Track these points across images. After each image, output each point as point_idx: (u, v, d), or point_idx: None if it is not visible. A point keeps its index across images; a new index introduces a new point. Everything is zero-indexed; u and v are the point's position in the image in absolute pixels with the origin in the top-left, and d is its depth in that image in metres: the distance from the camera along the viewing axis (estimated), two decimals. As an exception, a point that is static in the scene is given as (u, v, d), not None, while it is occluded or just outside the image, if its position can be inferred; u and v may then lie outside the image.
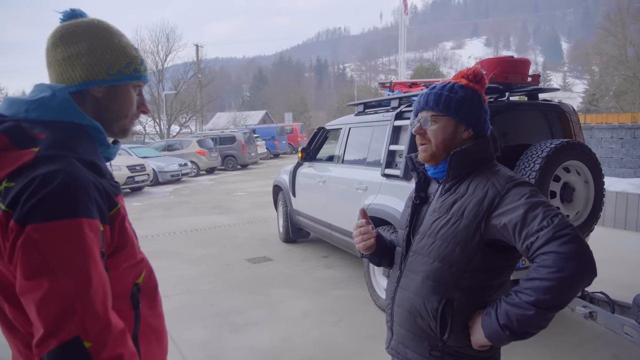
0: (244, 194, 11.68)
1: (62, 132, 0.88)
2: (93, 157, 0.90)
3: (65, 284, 0.76)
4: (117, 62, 0.97)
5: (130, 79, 1.00)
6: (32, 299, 0.76)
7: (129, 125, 1.04)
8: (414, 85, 5.05)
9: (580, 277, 1.05)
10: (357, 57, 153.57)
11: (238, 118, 44.51)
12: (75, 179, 0.82)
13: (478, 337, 1.19)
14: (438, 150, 1.32)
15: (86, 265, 0.79)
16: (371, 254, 1.49)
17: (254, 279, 4.83)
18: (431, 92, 1.34)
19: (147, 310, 0.99)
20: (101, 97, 0.97)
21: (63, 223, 0.78)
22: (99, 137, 0.96)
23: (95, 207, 0.83)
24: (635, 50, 25.35)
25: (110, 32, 0.99)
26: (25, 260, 0.76)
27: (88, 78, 0.95)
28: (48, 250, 0.76)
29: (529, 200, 1.14)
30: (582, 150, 3.11)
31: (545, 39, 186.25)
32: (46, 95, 0.90)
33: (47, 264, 0.76)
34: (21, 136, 0.84)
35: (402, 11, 18.32)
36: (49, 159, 0.82)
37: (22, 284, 0.77)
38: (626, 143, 7.97)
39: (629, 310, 2.91)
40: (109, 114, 0.99)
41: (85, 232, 0.80)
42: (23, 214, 0.77)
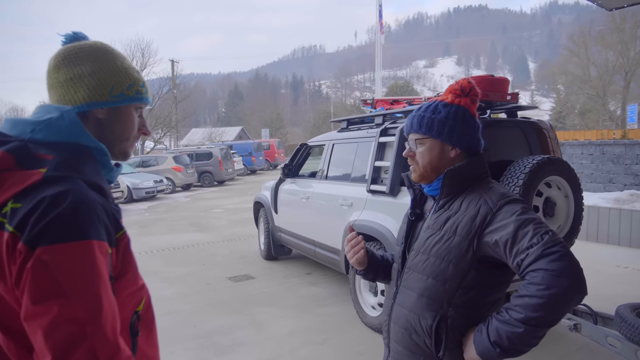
0: (222, 211, 11.53)
1: (68, 154, 0.87)
2: (98, 180, 0.89)
3: (76, 308, 0.74)
4: (119, 84, 0.97)
5: (132, 101, 1.00)
6: (39, 324, 0.73)
7: (130, 147, 1.04)
8: (396, 103, 5.14)
9: (570, 294, 1.06)
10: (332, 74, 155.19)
11: (214, 134, 44.22)
12: (84, 201, 0.80)
13: (470, 354, 1.19)
14: (425, 172, 1.34)
15: (97, 289, 0.77)
16: (365, 269, 1.49)
17: (236, 298, 4.74)
18: (415, 114, 1.35)
19: (144, 339, 0.96)
20: (103, 118, 0.97)
21: (74, 245, 0.76)
22: (103, 159, 0.95)
23: (103, 230, 0.82)
24: (597, 70, 26.60)
25: (113, 54, 1.00)
26: (34, 284, 0.73)
27: (91, 99, 0.94)
28: (59, 272, 0.74)
29: (520, 218, 1.15)
30: (562, 166, 3.20)
31: (514, 59, 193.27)
32: (54, 116, 0.89)
33: (57, 287, 0.74)
34: (27, 156, 0.83)
35: (377, 30, 18.69)
36: (56, 180, 0.81)
37: (29, 308, 0.74)
38: (595, 159, 8.29)
39: (611, 322, 2.98)
40: (110, 136, 0.98)
41: (95, 255, 0.78)
42: (32, 236, 0.74)
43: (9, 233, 0.76)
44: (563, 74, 29.94)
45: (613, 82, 26.41)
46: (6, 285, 0.77)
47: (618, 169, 8.00)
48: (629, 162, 7.85)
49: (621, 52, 25.62)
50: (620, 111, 25.95)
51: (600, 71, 26.41)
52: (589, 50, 27.15)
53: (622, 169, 7.94)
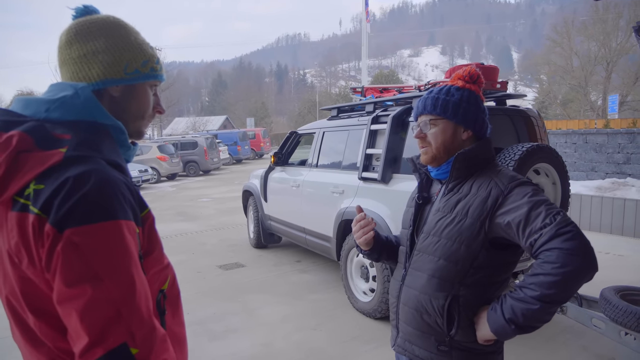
0: (209, 200, 11.47)
1: (86, 133, 0.84)
2: (117, 158, 0.87)
3: (110, 289, 0.73)
4: (134, 61, 0.94)
5: (148, 78, 0.96)
6: (73, 307, 0.72)
7: (145, 126, 1.01)
8: (385, 91, 5.15)
9: (583, 272, 1.10)
10: (317, 63, 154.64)
11: (198, 123, 43.72)
12: (109, 180, 0.79)
13: (484, 331, 1.23)
14: (439, 153, 1.36)
15: (129, 269, 0.76)
16: (370, 249, 1.51)
17: (227, 286, 4.75)
18: (428, 96, 1.38)
19: (171, 318, 0.96)
20: (118, 96, 0.94)
21: (104, 225, 0.75)
22: (120, 137, 0.92)
23: (129, 209, 0.80)
24: (580, 60, 26.95)
25: (127, 29, 0.96)
26: (66, 266, 0.72)
27: (105, 76, 0.91)
28: (91, 254, 0.73)
29: (532, 199, 1.19)
30: (550, 153, 3.27)
31: (497, 49, 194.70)
32: (68, 94, 0.86)
33: (90, 269, 0.73)
34: (45, 137, 0.80)
35: (363, 18, 18.61)
36: (78, 160, 0.79)
37: (62, 291, 0.73)
38: (579, 148, 8.46)
39: (595, 304, 3.09)
40: (125, 114, 0.95)
41: (125, 235, 0.77)
42: (60, 217, 0.73)
43: (34, 215, 0.74)
44: (546, 64, 30.21)
45: (595, 73, 26.79)
46: (35, 268, 0.76)
47: (600, 157, 8.18)
48: (611, 150, 8.03)
49: (603, 43, 25.97)
50: (602, 101, 26.41)
51: (583, 61, 26.76)
52: (572, 41, 27.47)
53: (604, 158, 8.13)
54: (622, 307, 2.69)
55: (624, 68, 26.01)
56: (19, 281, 0.78)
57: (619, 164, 7.92)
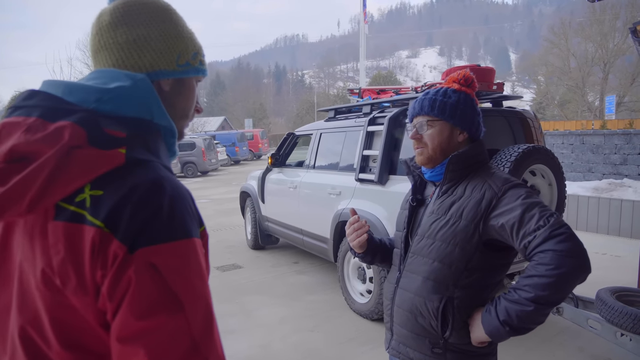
0: (207, 201, 11.46)
1: (142, 133, 0.71)
2: (170, 165, 0.76)
3: (189, 319, 0.61)
4: (185, 52, 0.82)
5: (197, 72, 0.85)
6: (142, 345, 0.59)
7: (186, 126, 0.89)
8: (382, 92, 5.16)
9: (576, 273, 1.11)
10: (315, 64, 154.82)
11: (196, 124, 43.58)
12: (180, 191, 0.67)
13: (478, 333, 1.24)
14: (435, 154, 1.36)
15: (206, 295, 0.65)
16: (364, 252, 1.50)
17: (224, 287, 4.75)
18: (425, 97, 1.39)
19: None
20: (168, 91, 0.81)
21: (182, 244, 0.63)
22: (170, 141, 0.79)
23: (197, 225, 0.69)
24: (577, 61, 27.03)
25: (177, 15, 0.84)
26: (140, 294, 0.59)
27: (159, 67, 0.79)
28: (171, 278, 0.61)
29: (525, 201, 1.20)
30: (546, 154, 3.28)
31: (495, 50, 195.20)
32: (125, 84, 0.72)
33: (169, 297, 0.60)
34: (98, 133, 0.66)
35: (361, 19, 18.63)
36: (142, 164, 0.67)
37: (129, 325, 0.59)
38: (576, 149, 8.48)
39: (591, 305, 3.10)
40: (173, 112, 0.82)
41: (199, 255, 0.66)
42: (132, 233, 0.60)
43: (95, 228, 0.60)
44: (543, 65, 30.31)
45: (592, 74, 26.88)
46: (86, 294, 0.61)
47: (597, 158, 8.21)
48: (608, 151, 8.06)
49: (600, 44, 26.06)
50: (599, 102, 26.49)
51: (580, 62, 26.85)
52: (569, 42, 27.55)
53: (601, 159, 8.16)
54: (618, 308, 2.70)
55: (621, 69, 26.11)
56: (53, 307, 0.63)
57: (616, 164, 7.95)
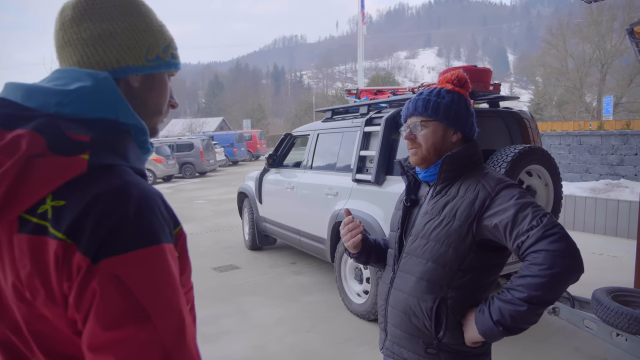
0: (205, 202, 11.44)
1: (108, 135, 0.68)
2: (141, 166, 0.73)
3: (159, 330, 0.60)
4: (155, 45, 0.78)
5: (169, 67, 0.81)
6: (112, 355, 0.58)
7: (160, 122, 0.86)
8: (380, 93, 5.17)
9: (569, 273, 1.11)
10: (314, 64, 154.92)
11: (194, 125, 43.67)
12: (147, 196, 0.65)
13: (471, 333, 1.24)
14: (429, 154, 1.36)
15: (178, 303, 0.63)
16: (358, 252, 1.50)
17: (222, 288, 4.74)
18: (419, 97, 1.39)
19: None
20: (137, 87, 0.78)
21: (148, 252, 0.61)
22: (141, 139, 0.76)
23: (168, 229, 0.67)
24: (575, 62, 27.10)
25: (145, 7, 0.80)
26: (105, 306, 0.58)
27: (126, 63, 0.75)
28: (137, 288, 0.59)
29: (519, 201, 1.20)
30: (542, 155, 3.28)
31: (493, 51, 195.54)
32: (87, 85, 0.69)
33: (136, 308, 0.59)
34: (60, 138, 0.63)
35: (359, 20, 18.65)
36: (105, 170, 0.64)
37: (97, 336, 0.58)
38: (573, 149, 8.50)
39: (587, 305, 3.11)
40: (143, 109, 0.79)
41: (169, 261, 0.64)
42: (95, 244, 0.59)
43: (57, 240, 0.59)
44: (541, 65, 30.36)
45: (590, 74, 26.95)
46: (55, 305, 0.60)
47: (594, 159, 8.22)
48: (605, 152, 8.07)
49: (598, 45, 26.13)
50: (596, 103, 26.55)
51: (578, 63, 26.92)
52: (567, 43, 27.62)
53: (598, 159, 8.17)
54: (614, 309, 2.70)
55: (618, 70, 26.18)
56: (28, 319, 0.63)
57: (613, 165, 7.97)
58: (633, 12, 22.49)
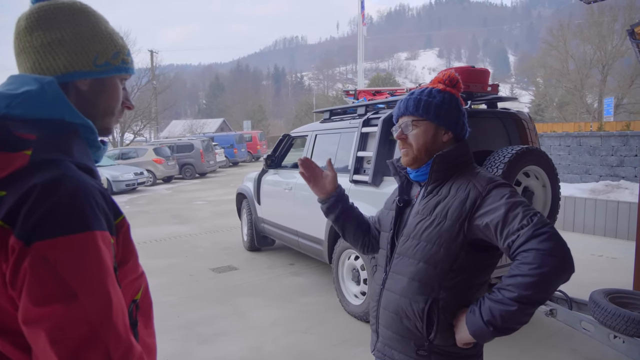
0: (204, 203, 11.44)
1: (53, 133, 0.77)
2: (87, 161, 0.81)
3: (85, 307, 0.67)
4: (104, 52, 0.86)
5: (119, 71, 0.89)
6: (42, 328, 0.65)
7: (114, 123, 0.94)
8: (378, 94, 5.16)
9: (559, 272, 1.10)
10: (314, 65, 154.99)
11: (195, 126, 43.65)
12: (81, 187, 0.72)
13: (463, 334, 1.23)
14: (420, 154, 1.36)
15: (105, 284, 0.70)
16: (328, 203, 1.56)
17: (219, 289, 4.73)
18: (410, 97, 1.38)
19: (143, 328, 0.89)
20: (86, 90, 0.86)
21: (78, 237, 0.68)
22: (90, 137, 0.84)
23: (103, 218, 0.74)
24: (575, 63, 27.08)
25: (96, 16, 0.88)
26: (35, 284, 0.66)
27: (73, 68, 0.83)
28: (63, 270, 0.66)
29: (509, 201, 1.19)
30: (540, 156, 3.27)
31: (494, 52, 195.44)
32: (32, 88, 0.77)
33: (63, 287, 0.66)
34: (6, 136, 0.72)
35: (359, 21, 18.66)
36: (45, 164, 0.72)
37: (29, 311, 0.66)
38: (572, 150, 8.48)
39: (585, 307, 3.09)
40: (94, 110, 0.87)
41: (100, 247, 0.71)
42: (27, 229, 0.66)
43: None
44: (542, 67, 30.36)
45: (590, 76, 26.92)
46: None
47: (594, 160, 8.21)
48: (605, 153, 8.06)
49: (599, 46, 26.11)
50: (597, 104, 26.52)
51: (579, 64, 26.89)
52: (568, 44, 27.60)
53: (598, 160, 8.16)
54: (611, 310, 2.68)
55: (619, 71, 26.16)
56: None
57: (613, 166, 7.95)
58: (634, 13, 22.48)
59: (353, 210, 1.59)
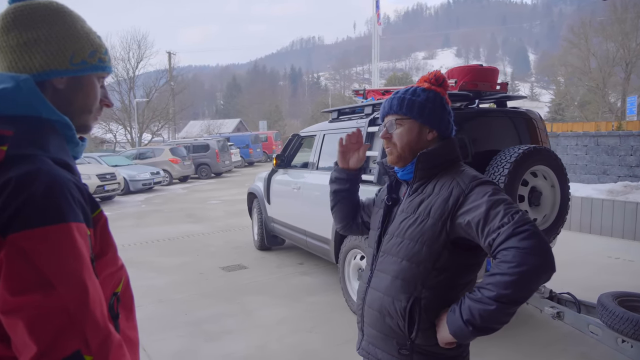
0: (218, 202, 11.55)
1: (30, 129, 0.79)
2: (64, 157, 0.83)
3: (61, 296, 0.69)
4: (80, 51, 0.88)
5: (95, 70, 0.91)
6: (20, 317, 0.67)
7: (92, 120, 0.96)
8: (387, 93, 5.13)
9: (539, 271, 1.08)
10: (331, 66, 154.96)
11: (212, 126, 44.12)
12: (57, 180, 0.74)
13: (444, 334, 1.22)
14: (404, 152, 1.36)
15: (81, 274, 0.72)
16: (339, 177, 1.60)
17: (228, 287, 4.77)
18: (395, 96, 1.39)
19: (125, 321, 0.91)
20: (63, 88, 0.88)
21: (53, 229, 0.70)
22: (68, 134, 0.87)
23: (80, 210, 0.76)
24: (597, 62, 26.47)
25: (72, 16, 0.90)
26: (12, 274, 0.68)
27: (49, 67, 0.85)
28: (40, 260, 0.69)
29: (491, 198, 1.18)
30: (548, 156, 3.21)
31: (513, 50, 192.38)
32: (8, 86, 0.80)
33: (40, 277, 0.68)
34: None
35: (375, 21, 18.58)
36: (21, 159, 0.74)
37: (7, 301, 0.67)
38: (590, 150, 8.29)
39: (594, 310, 3.02)
40: (71, 108, 0.89)
41: (75, 238, 0.73)
42: (3, 221, 0.68)
43: None
44: (563, 65, 29.79)
45: (613, 74, 26.29)
46: None
47: (612, 160, 8.01)
48: (623, 153, 7.85)
49: (622, 43, 25.47)
50: (620, 103, 25.88)
51: (601, 62, 26.28)
52: (590, 42, 27.01)
53: (617, 161, 7.95)
54: (619, 314, 2.62)
55: (643, 69, 25.47)
56: None
57: (632, 167, 7.74)
58: (658, 10, 21.85)
59: (354, 196, 1.63)
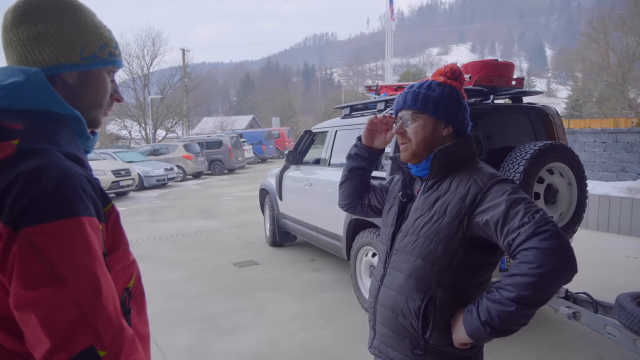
0: (231, 198, 11.60)
1: (41, 123, 0.79)
2: (75, 151, 0.82)
3: (73, 291, 0.69)
4: (90, 45, 0.87)
5: (106, 64, 0.90)
6: (33, 312, 0.67)
7: (102, 115, 0.94)
8: (400, 89, 5.08)
9: (560, 272, 1.05)
10: (344, 62, 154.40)
11: (225, 122, 44.33)
12: (68, 174, 0.73)
13: (460, 334, 1.19)
14: (419, 149, 1.32)
15: (93, 268, 0.72)
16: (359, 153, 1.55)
17: (240, 283, 4.78)
18: (409, 90, 1.35)
19: (136, 316, 0.90)
20: (73, 83, 0.87)
21: (64, 223, 0.70)
22: (79, 128, 0.86)
23: (91, 204, 0.76)
24: (617, 56, 25.87)
25: (82, 10, 0.89)
26: (24, 269, 0.67)
27: (59, 61, 0.84)
28: (51, 254, 0.68)
29: (511, 197, 1.14)
30: (565, 152, 3.14)
31: (530, 46, 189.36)
32: (19, 80, 0.79)
33: (52, 271, 0.68)
34: None
35: (388, 17, 18.42)
36: (32, 153, 0.73)
37: (20, 295, 0.67)
38: (608, 147, 8.11)
39: (611, 311, 2.95)
40: (81, 102, 0.88)
41: (87, 232, 0.72)
42: (15, 215, 0.68)
43: None
44: (581, 60, 29.14)
45: (633, 69, 25.64)
46: None
47: (632, 157, 7.82)
48: (643, 150, 7.66)
49: (642, 38, 24.88)
50: (640, 99, 25.30)
51: (620, 57, 25.67)
52: (609, 36, 26.38)
53: (636, 158, 7.76)
54: (638, 315, 2.55)
55: (664, 64, 24.83)
56: None
57: (652, 164, 7.55)
58: (681, 3, 21.25)
59: (367, 176, 1.61)
